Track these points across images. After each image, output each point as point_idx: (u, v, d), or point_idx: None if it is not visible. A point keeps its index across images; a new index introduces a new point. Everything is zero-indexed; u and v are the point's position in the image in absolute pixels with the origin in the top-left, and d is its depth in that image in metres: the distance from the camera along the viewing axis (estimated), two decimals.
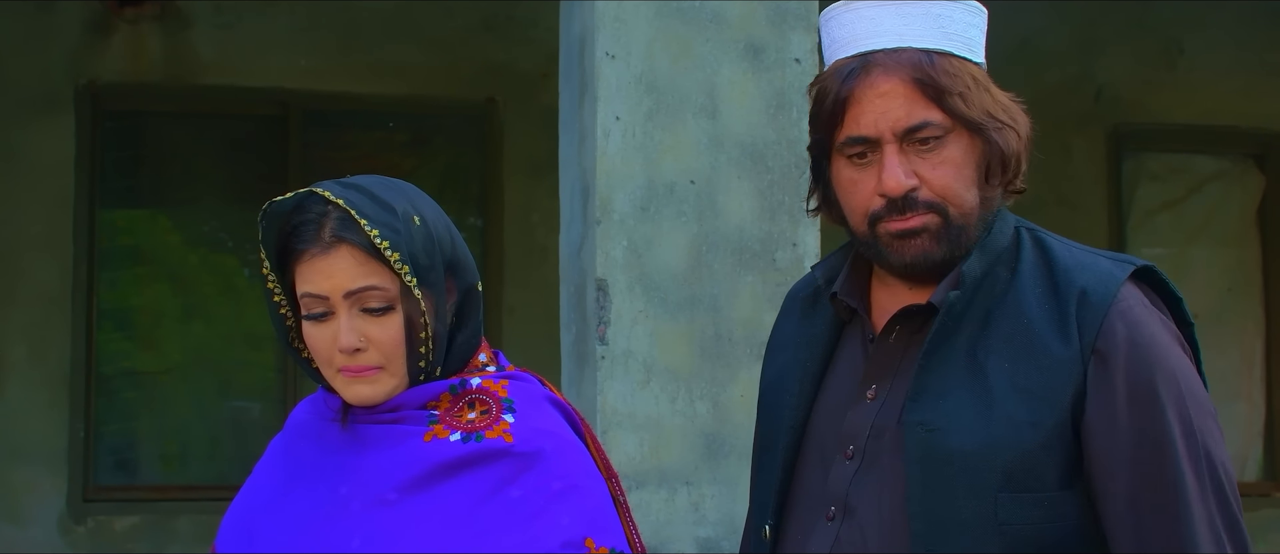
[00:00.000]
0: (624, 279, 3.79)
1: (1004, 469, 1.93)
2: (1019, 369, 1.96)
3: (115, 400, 7.34)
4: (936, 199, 2.00)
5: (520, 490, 2.01)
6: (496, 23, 7.48)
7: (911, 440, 1.97)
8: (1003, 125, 2.04)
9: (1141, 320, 1.97)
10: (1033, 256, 2.05)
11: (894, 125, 2.00)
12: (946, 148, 2.01)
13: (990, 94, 2.05)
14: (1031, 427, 1.93)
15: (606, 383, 3.76)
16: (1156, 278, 2.04)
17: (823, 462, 2.09)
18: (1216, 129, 8.24)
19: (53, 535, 7.05)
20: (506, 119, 7.53)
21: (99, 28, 7.22)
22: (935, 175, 2.00)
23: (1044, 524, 1.94)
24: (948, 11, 2.04)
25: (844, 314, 2.15)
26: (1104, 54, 8.12)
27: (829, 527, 2.05)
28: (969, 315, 2.01)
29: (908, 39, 2.02)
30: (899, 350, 2.07)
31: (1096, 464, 1.94)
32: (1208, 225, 8.36)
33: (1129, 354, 1.94)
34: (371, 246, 2.00)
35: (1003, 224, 2.09)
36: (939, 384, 1.98)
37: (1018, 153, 2.08)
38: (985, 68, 2.09)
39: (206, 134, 7.56)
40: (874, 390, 2.07)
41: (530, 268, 7.30)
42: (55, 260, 7.11)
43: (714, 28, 3.84)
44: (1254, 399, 8.36)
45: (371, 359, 2.04)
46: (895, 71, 2.00)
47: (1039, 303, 2.00)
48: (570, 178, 4.06)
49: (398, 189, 2.08)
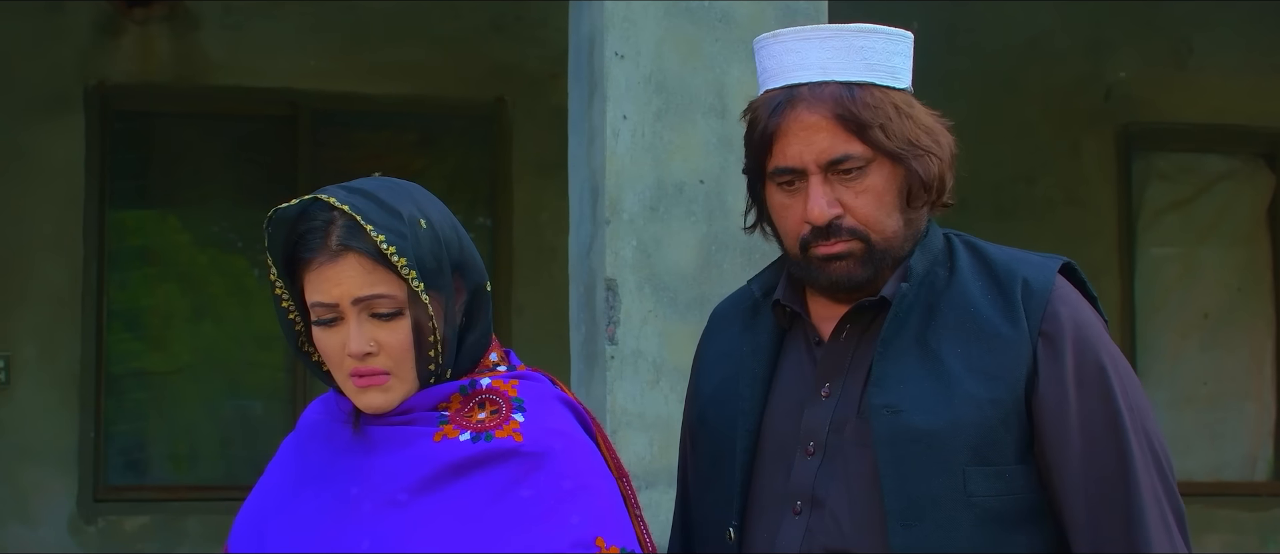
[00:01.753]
0: (633, 279, 3.79)
1: (969, 445, 2.07)
2: (972, 352, 2.10)
3: (125, 401, 7.34)
4: (859, 226, 2.13)
5: (530, 490, 2.01)
6: (505, 23, 7.48)
7: (879, 424, 2.09)
8: (923, 152, 2.15)
9: (1079, 306, 2.16)
10: (967, 256, 2.20)
11: (818, 157, 2.12)
12: (868, 177, 2.13)
13: (913, 120, 2.15)
14: (991, 404, 2.08)
15: (616, 383, 3.76)
16: (1078, 276, 2.23)
17: (783, 461, 2.18)
18: (1226, 128, 8.23)
19: (63, 536, 7.06)
20: (515, 119, 7.52)
21: (108, 28, 7.23)
22: (858, 203, 2.13)
23: (1006, 496, 2.08)
24: (870, 43, 2.15)
25: (784, 322, 2.26)
26: (1113, 53, 8.10)
27: (797, 520, 2.14)
28: (916, 309, 2.15)
29: (831, 73, 2.13)
30: (850, 348, 2.18)
31: (1049, 437, 2.09)
32: (1218, 225, 8.34)
33: (1074, 336, 2.11)
34: (378, 253, 1.99)
35: (934, 232, 2.22)
36: (897, 370, 2.11)
37: (940, 175, 2.17)
38: (911, 90, 2.19)
39: (216, 134, 7.56)
40: (829, 388, 2.18)
41: (539, 268, 7.30)
42: (65, 261, 7.11)
43: (723, 27, 3.84)
44: (1264, 399, 8.34)
45: (381, 363, 2.04)
46: (817, 107, 2.12)
47: (983, 293, 2.15)
48: (579, 178, 4.05)
49: (404, 192, 2.08)
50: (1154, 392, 8.16)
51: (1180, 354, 8.24)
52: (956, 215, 8.10)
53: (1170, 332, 8.23)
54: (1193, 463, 8.17)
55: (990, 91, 7.93)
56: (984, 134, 7.91)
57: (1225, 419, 8.27)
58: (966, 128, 8.60)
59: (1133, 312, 8.15)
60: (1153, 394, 8.11)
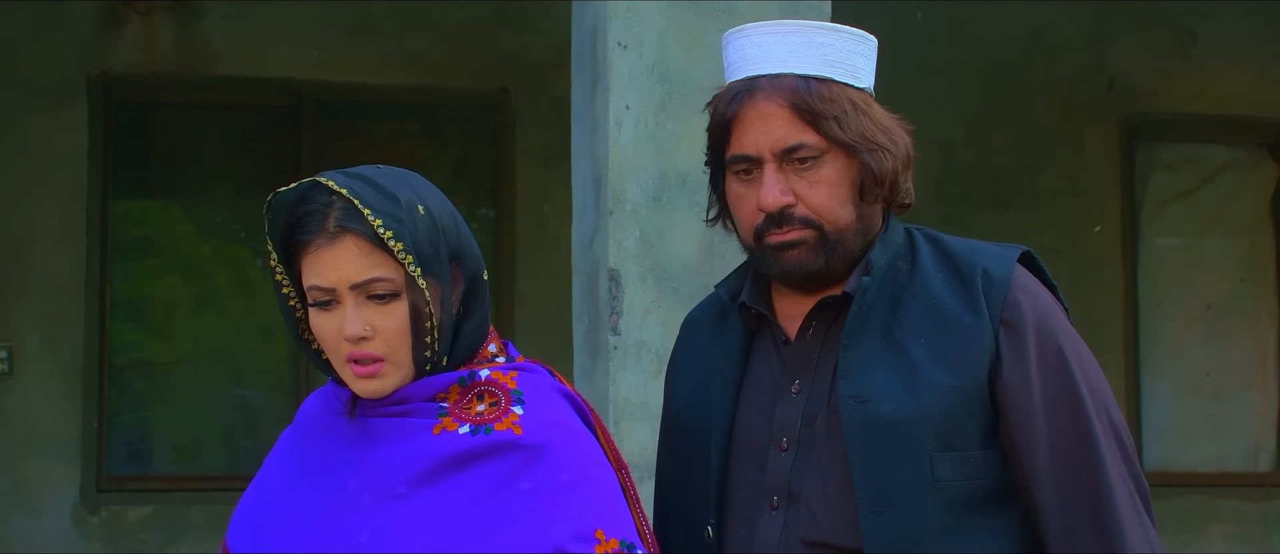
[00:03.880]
0: (636, 269, 3.79)
1: (935, 431, 2.12)
2: (935, 341, 2.16)
3: (128, 391, 7.35)
4: (811, 215, 2.18)
5: (529, 483, 2.01)
6: (508, 13, 7.48)
7: (847, 414, 2.14)
8: (877, 147, 2.19)
9: (1039, 294, 2.21)
10: (928, 249, 2.25)
11: (773, 145, 2.17)
12: (822, 168, 2.18)
13: (869, 118, 2.21)
14: (955, 391, 2.13)
15: (619, 373, 3.76)
16: (1037, 264, 2.26)
17: (756, 459, 2.22)
18: (1229, 119, 8.22)
19: (66, 526, 7.07)
20: (518, 110, 7.52)
21: (111, 19, 7.23)
22: (811, 193, 2.17)
23: (972, 480, 2.13)
24: (831, 41, 2.21)
25: (751, 324, 2.30)
26: (1116, 44, 8.09)
27: (774, 515, 2.19)
28: (879, 302, 2.20)
29: (790, 65, 2.19)
30: (816, 345, 2.23)
31: (1015, 421, 2.14)
32: (1221, 215, 8.34)
33: (1036, 323, 2.16)
34: (375, 236, 2.00)
35: (894, 227, 2.27)
36: (863, 362, 2.16)
37: (894, 172, 2.21)
38: (871, 93, 2.24)
39: (219, 125, 7.57)
40: (798, 385, 2.22)
41: (542, 259, 7.30)
42: (68, 251, 7.12)
43: (727, 18, 3.83)
44: (1267, 390, 8.34)
45: (376, 348, 2.04)
46: (775, 96, 2.18)
47: (944, 284, 2.20)
48: (582, 168, 4.05)
49: (402, 179, 2.08)
50: (1157, 382, 8.17)
51: (1183, 345, 8.24)
52: (960, 206, 8.11)
53: (1173, 322, 8.23)
54: (1196, 454, 8.18)
55: (993, 82, 7.92)
56: (987, 125, 7.91)
57: (1228, 410, 8.27)
58: (969, 118, 8.64)
59: (1136, 302, 8.15)
60: (1155, 385, 8.11)
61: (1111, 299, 8.02)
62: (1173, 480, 7.71)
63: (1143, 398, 8.10)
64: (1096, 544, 2.12)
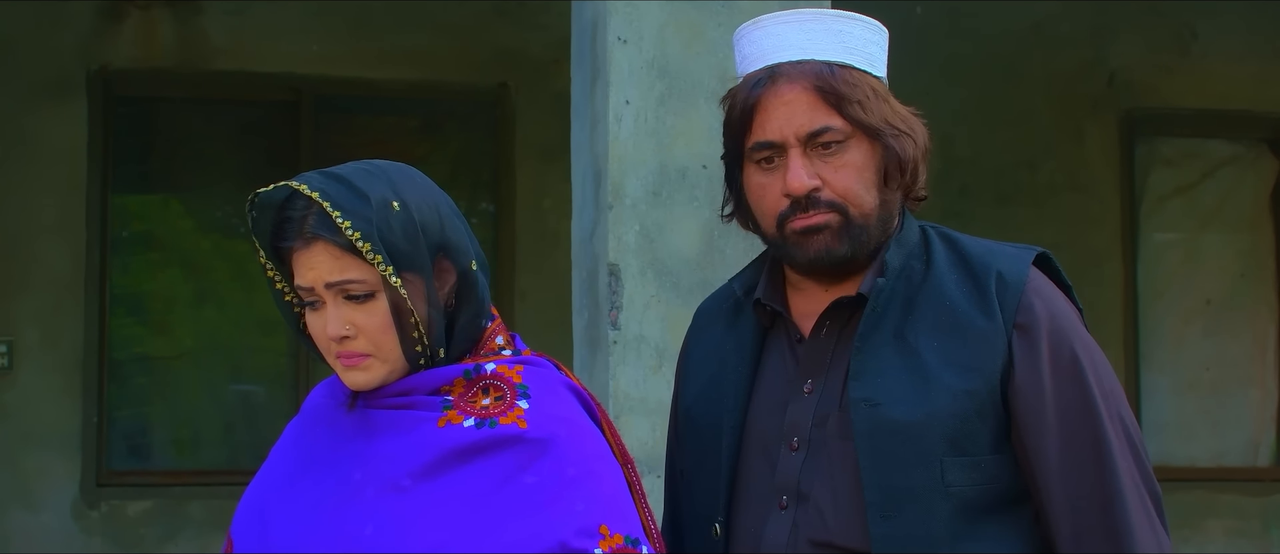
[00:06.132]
0: (636, 264, 3.79)
1: (946, 436, 2.10)
2: (948, 345, 2.14)
3: (128, 386, 7.35)
4: (837, 199, 2.16)
5: (534, 477, 2.01)
6: (508, 8, 7.47)
7: (858, 417, 2.12)
8: (900, 132, 2.19)
9: (1053, 297, 2.18)
10: (943, 249, 2.23)
11: (797, 130, 2.15)
12: (847, 152, 2.16)
13: (889, 105, 2.20)
14: (967, 395, 2.11)
15: (619, 368, 3.76)
16: (1053, 265, 2.24)
17: (767, 457, 2.21)
18: (1229, 114, 8.22)
19: (66, 520, 7.07)
20: (518, 104, 7.52)
21: (111, 13, 7.23)
22: (836, 177, 2.15)
23: (982, 485, 2.11)
24: (848, 28, 2.20)
25: (765, 320, 2.29)
26: (1117, 39, 8.09)
27: (783, 515, 2.17)
28: (893, 303, 2.18)
29: (810, 52, 2.18)
30: (830, 345, 2.22)
31: (1027, 425, 2.12)
32: (1221, 210, 8.34)
33: (1049, 327, 2.14)
34: (345, 240, 2.01)
35: (910, 224, 2.25)
36: (876, 364, 2.14)
37: (915, 159, 2.21)
38: (886, 82, 2.23)
39: (218, 119, 7.57)
40: (811, 384, 2.21)
41: (542, 253, 7.30)
42: (68, 246, 7.12)
43: (726, 12, 3.83)
44: (1267, 385, 8.34)
45: (360, 346, 2.06)
46: (798, 80, 2.16)
47: (958, 286, 2.18)
48: (582, 163, 4.05)
49: (380, 174, 2.09)
50: (1157, 377, 8.17)
51: (1183, 340, 8.24)
52: (960, 201, 8.09)
53: (1173, 317, 8.24)
54: (1195, 448, 8.18)
55: (992, 77, 7.92)
56: (986, 120, 7.91)
57: (1228, 405, 8.28)
58: (969, 113, 8.62)
59: (1135, 297, 8.15)
60: (1155, 380, 8.11)
61: (1111, 294, 8.02)
62: (1172, 475, 7.70)
63: (1142, 393, 8.10)
64: (1106, 547, 2.10)
